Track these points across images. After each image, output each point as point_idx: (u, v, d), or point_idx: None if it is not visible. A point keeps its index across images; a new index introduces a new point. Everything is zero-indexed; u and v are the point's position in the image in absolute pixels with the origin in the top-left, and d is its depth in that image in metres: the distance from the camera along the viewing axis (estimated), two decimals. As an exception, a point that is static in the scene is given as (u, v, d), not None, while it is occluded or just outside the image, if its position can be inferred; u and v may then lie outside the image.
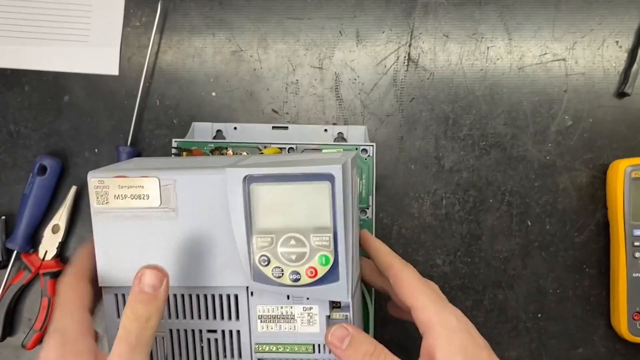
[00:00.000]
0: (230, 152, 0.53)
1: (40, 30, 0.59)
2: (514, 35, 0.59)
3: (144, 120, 0.59)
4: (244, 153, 0.53)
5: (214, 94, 0.59)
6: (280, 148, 0.53)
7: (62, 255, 0.58)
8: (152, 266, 0.36)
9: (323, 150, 0.53)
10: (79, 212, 0.58)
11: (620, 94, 0.58)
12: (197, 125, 0.56)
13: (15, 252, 0.56)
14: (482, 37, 0.59)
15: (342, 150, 0.53)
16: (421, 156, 0.58)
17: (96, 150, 0.58)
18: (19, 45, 0.59)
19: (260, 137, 0.56)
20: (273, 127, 0.56)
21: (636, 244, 0.54)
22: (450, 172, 0.58)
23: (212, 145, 0.53)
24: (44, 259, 0.56)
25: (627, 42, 0.59)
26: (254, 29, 0.59)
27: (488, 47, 0.59)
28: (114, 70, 0.59)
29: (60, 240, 0.56)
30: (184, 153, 0.50)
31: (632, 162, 0.55)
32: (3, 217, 0.57)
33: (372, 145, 0.53)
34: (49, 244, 0.56)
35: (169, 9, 0.59)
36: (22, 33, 0.59)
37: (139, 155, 0.58)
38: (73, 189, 0.57)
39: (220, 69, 0.59)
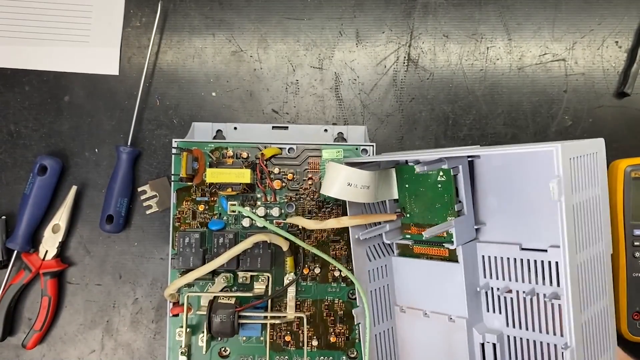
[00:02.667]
0: (230, 151, 0.53)
1: (41, 30, 0.59)
2: (513, 35, 0.59)
3: (144, 120, 0.59)
4: (244, 153, 0.53)
5: (214, 94, 0.59)
6: (280, 148, 0.53)
7: (62, 255, 0.58)
8: None
9: (323, 151, 0.53)
10: (79, 212, 0.58)
11: (620, 94, 0.58)
12: (197, 125, 0.56)
13: (15, 251, 0.57)
14: (482, 37, 0.59)
15: (342, 150, 0.53)
16: (421, 156, 0.58)
17: (96, 150, 0.58)
18: (19, 46, 0.59)
19: (260, 137, 0.56)
20: (273, 127, 0.56)
21: (636, 243, 0.54)
22: (450, 172, 0.58)
23: (212, 145, 0.53)
24: (44, 258, 0.56)
25: (627, 42, 0.59)
26: (254, 29, 0.59)
27: (488, 47, 0.59)
28: (114, 71, 0.59)
29: (60, 240, 0.57)
30: (184, 153, 0.50)
31: (632, 162, 0.55)
32: (3, 217, 0.57)
33: (372, 145, 0.53)
34: (49, 243, 0.56)
35: (169, 9, 0.59)
36: (22, 33, 0.59)
37: (139, 155, 0.58)
38: (73, 189, 0.57)
39: (220, 69, 0.59)
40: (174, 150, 0.52)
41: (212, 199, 0.53)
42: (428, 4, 0.59)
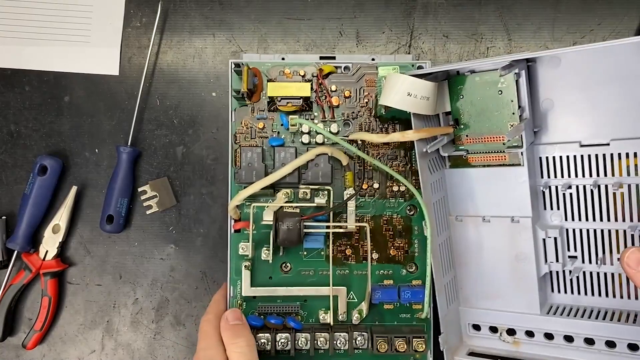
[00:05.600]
0: (287, 70, 0.53)
1: (41, 30, 0.59)
2: (513, 35, 0.59)
3: (144, 120, 0.59)
4: (302, 71, 0.52)
5: (214, 94, 0.59)
6: (335, 67, 0.53)
7: (62, 255, 0.58)
8: (231, 310, 0.49)
9: (379, 68, 0.53)
10: (79, 212, 0.58)
11: (620, 94, 0.58)
12: (245, 56, 0.55)
13: (15, 252, 0.57)
14: (482, 38, 0.59)
15: (398, 67, 0.53)
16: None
17: (97, 150, 0.58)
18: (19, 46, 0.59)
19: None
20: (320, 58, 0.55)
21: (636, 243, 0.54)
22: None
23: (270, 64, 0.53)
24: (44, 258, 0.56)
25: (627, 43, 0.59)
26: (254, 29, 0.59)
27: (488, 48, 0.59)
28: (115, 71, 0.59)
29: (60, 240, 0.57)
30: (245, 67, 0.50)
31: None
32: (4, 217, 0.57)
33: (428, 62, 0.53)
34: (50, 243, 0.56)
35: (169, 9, 0.59)
36: (23, 33, 0.59)
37: (139, 155, 0.58)
38: (73, 189, 0.57)
39: (220, 70, 0.59)
40: (232, 67, 0.52)
41: (270, 117, 0.53)
42: (428, 4, 0.59)
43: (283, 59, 0.54)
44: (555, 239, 0.48)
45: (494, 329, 0.52)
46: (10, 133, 0.59)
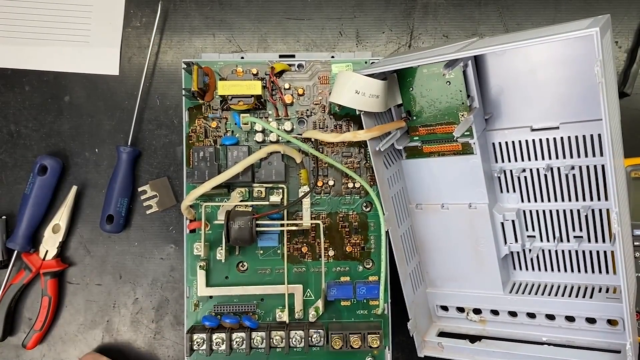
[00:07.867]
0: (240, 68, 0.52)
1: (41, 30, 0.59)
2: (513, 35, 0.59)
3: (144, 120, 0.59)
4: (254, 69, 0.52)
5: (214, 94, 0.59)
6: (289, 64, 0.53)
7: (62, 255, 0.58)
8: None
9: (333, 65, 0.53)
10: (79, 212, 0.58)
11: (620, 94, 0.58)
12: (204, 56, 0.55)
13: (15, 251, 0.57)
14: (482, 38, 0.59)
15: (351, 64, 0.53)
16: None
17: (96, 150, 0.58)
18: (19, 46, 0.59)
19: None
20: (280, 56, 0.55)
21: (636, 243, 0.54)
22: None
23: (222, 63, 0.53)
24: (44, 258, 0.56)
25: (627, 43, 0.59)
26: (254, 29, 0.59)
27: (488, 48, 0.59)
28: (115, 71, 0.59)
29: (60, 240, 0.57)
30: (195, 67, 0.50)
31: (632, 162, 0.54)
32: (4, 217, 0.57)
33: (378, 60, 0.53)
34: (50, 243, 0.56)
35: (169, 9, 0.59)
36: (23, 33, 0.59)
37: (139, 155, 0.58)
38: (73, 189, 0.57)
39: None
40: (183, 66, 0.52)
41: (224, 116, 0.53)
42: (428, 4, 0.59)
43: (243, 57, 0.54)
44: (513, 221, 0.49)
45: (461, 309, 0.53)
46: (10, 133, 0.59)
